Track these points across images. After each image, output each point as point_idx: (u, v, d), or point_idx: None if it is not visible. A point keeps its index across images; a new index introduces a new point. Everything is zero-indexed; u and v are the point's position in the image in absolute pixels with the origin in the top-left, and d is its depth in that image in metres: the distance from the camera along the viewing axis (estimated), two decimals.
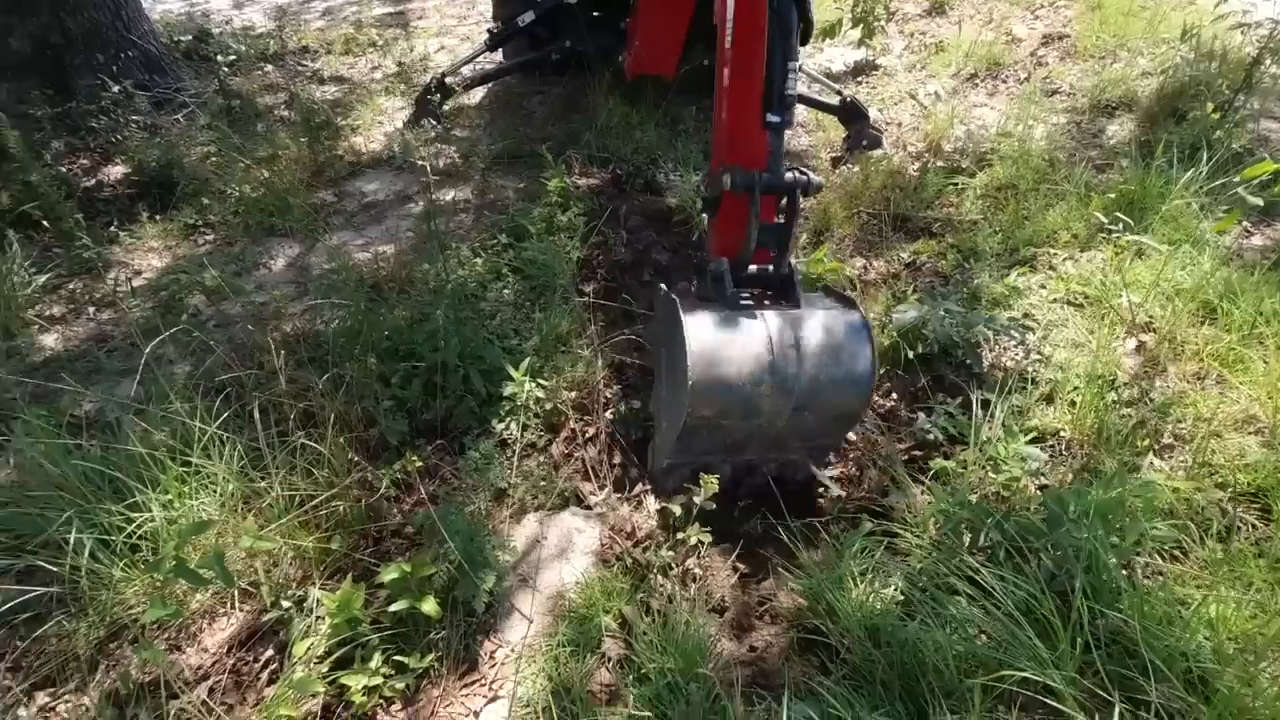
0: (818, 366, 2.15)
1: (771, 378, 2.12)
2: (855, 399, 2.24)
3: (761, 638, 2.02)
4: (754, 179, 2.20)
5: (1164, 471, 2.24)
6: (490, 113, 5.18)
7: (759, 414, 2.18)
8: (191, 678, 1.98)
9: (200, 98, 4.84)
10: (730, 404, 2.14)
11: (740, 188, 2.20)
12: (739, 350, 2.12)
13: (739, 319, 2.19)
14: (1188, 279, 2.88)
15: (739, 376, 2.11)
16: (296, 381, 2.55)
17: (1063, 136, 4.26)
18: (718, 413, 2.15)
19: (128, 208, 3.92)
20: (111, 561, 2.04)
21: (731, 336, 2.14)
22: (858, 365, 2.19)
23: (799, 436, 2.33)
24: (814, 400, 2.19)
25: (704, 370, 2.08)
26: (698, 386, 2.08)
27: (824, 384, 2.17)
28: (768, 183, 2.21)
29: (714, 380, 2.10)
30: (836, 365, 2.18)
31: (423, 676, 1.91)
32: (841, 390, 2.21)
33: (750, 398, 2.14)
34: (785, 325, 2.18)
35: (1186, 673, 1.62)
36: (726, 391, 2.12)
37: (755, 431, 2.26)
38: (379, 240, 3.82)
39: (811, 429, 2.31)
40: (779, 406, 2.17)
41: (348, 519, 2.22)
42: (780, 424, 2.22)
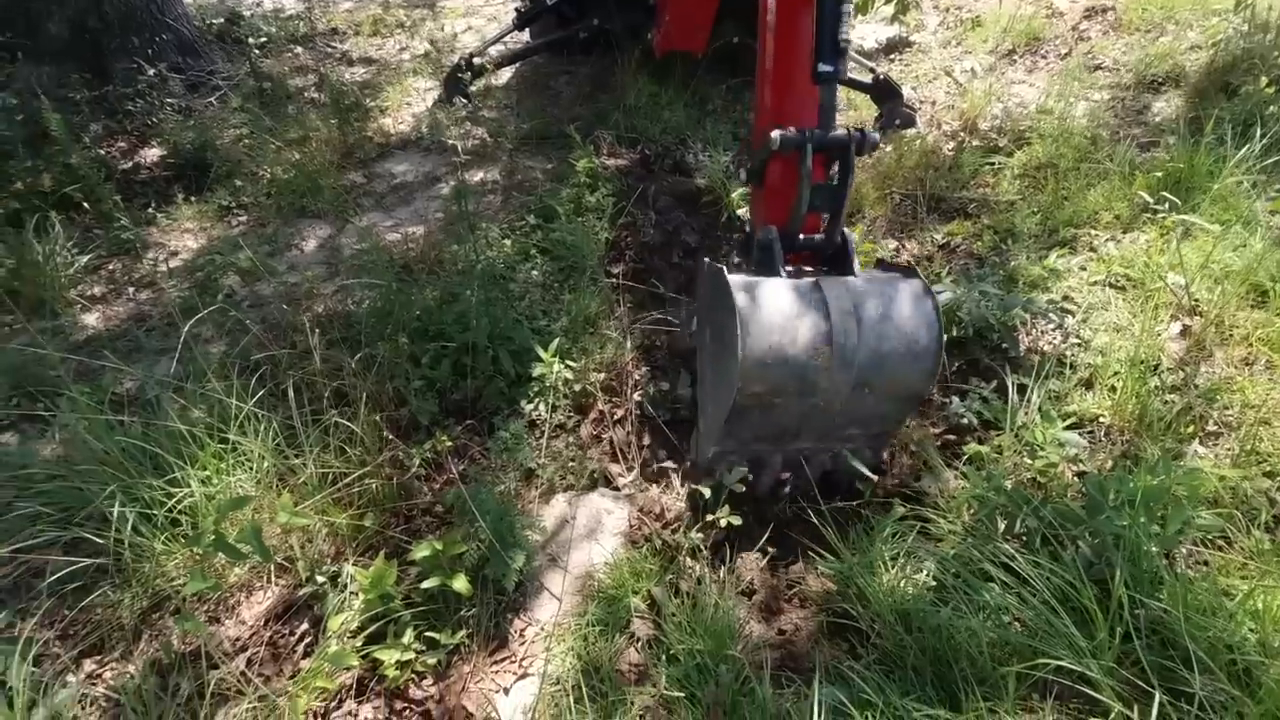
0: (879, 338, 1.95)
1: (830, 347, 1.92)
2: (921, 374, 2.01)
3: (790, 621, 2.01)
4: (805, 136, 2.00)
5: (1209, 459, 2.18)
6: (518, 93, 5.16)
7: (815, 390, 1.98)
8: (230, 649, 2.04)
9: (232, 80, 4.89)
10: (785, 379, 1.94)
11: (790, 145, 2.01)
12: (793, 318, 1.93)
13: (792, 286, 2.00)
14: (1238, 261, 2.77)
15: (794, 346, 1.91)
16: (329, 361, 2.59)
17: (1105, 114, 4.12)
18: (771, 389, 1.96)
19: (164, 189, 3.99)
20: (153, 535, 2.10)
21: (785, 304, 1.95)
22: (923, 336, 1.98)
23: (858, 421, 2.14)
24: (876, 375, 1.98)
25: (756, 340, 1.89)
26: (750, 358, 1.88)
27: (887, 356, 1.96)
28: (820, 139, 2.01)
29: (767, 351, 1.90)
30: (900, 336, 1.97)
31: (454, 653, 1.94)
32: (906, 364, 1.99)
33: (807, 371, 1.94)
34: (843, 292, 1.98)
35: (1230, 665, 1.58)
36: (781, 363, 1.91)
37: (810, 413, 2.06)
38: (408, 221, 3.84)
39: (871, 411, 2.11)
40: (838, 382, 1.97)
41: (380, 496, 2.25)
42: (838, 404, 2.03)
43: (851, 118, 4.65)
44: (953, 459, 2.39)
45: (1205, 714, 1.50)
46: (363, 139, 4.55)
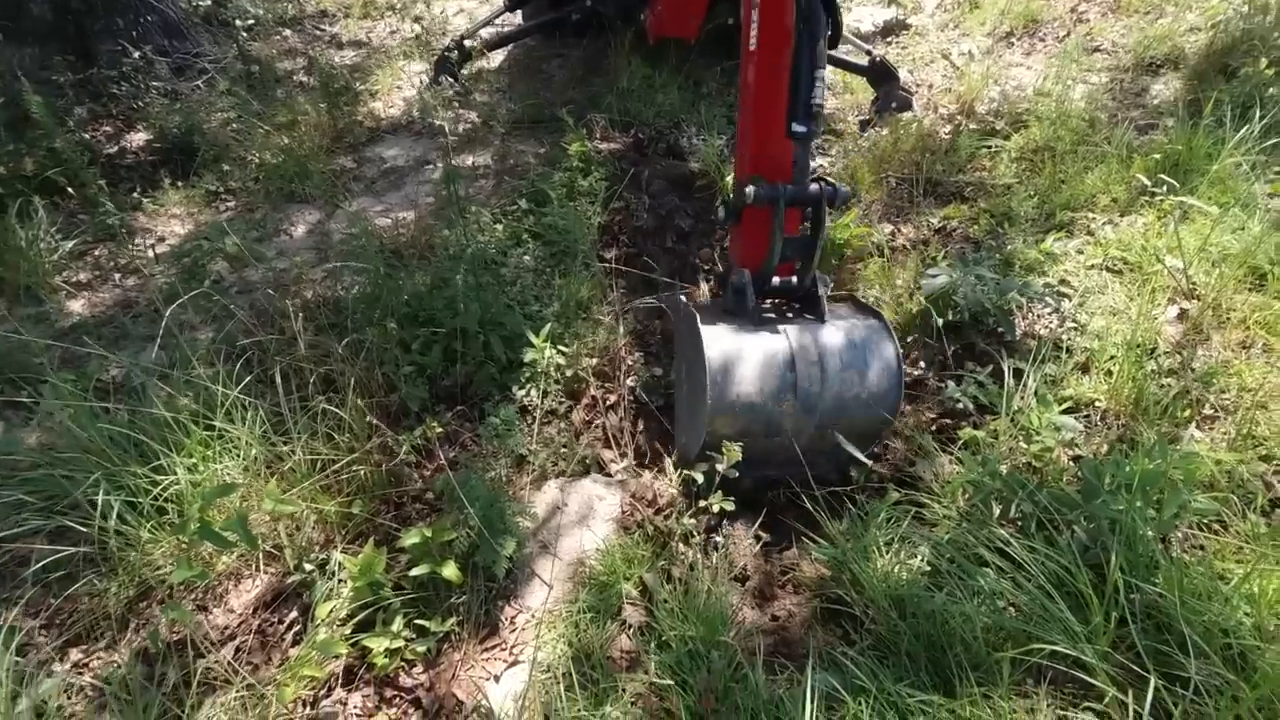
0: (842, 385, 2.12)
1: (794, 396, 2.08)
2: (880, 418, 2.18)
3: (784, 607, 1.99)
4: (778, 191, 2.13)
5: (1206, 443, 2.16)
6: (510, 76, 5.09)
7: (780, 432, 2.14)
8: (219, 638, 2.01)
9: (219, 63, 4.81)
10: (750, 423, 2.11)
11: (764, 200, 2.14)
12: (760, 368, 2.08)
13: (760, 335, 2.14)
14: (1236, 243, 2.75)
15: (760, 395, 2.08)
16: (317, 347, 2.55)
17: (1103, 96, 4.08)
18: (737, 431, 2.09)
19: (150, 174, 3.93)
20: (139, 523, 2.07)
21: (752, 353, 2.10)
22: (884, 384, 2.15)
23: (822, 455, 2.24)
24: (838, 419, 2.14)
25: (724, 391, 2.05)
26: (718, 405, 2.05)
27: (848, 403, 2.13)
28: (792, 195, 2.14)
29: (734, 400, 2.07)
30: (862, 385, 2.14)
31: (444, 640, 1.92)
32: (866, 409, 2.15)
33: (771, 416, 2.10)
34: (809, 341, 2.13)
35: (1226, 649, 1.57)
36: (747, 410, 2.08)
37: (776, 448, 2.19)
38: (399, 206, 3.79)
39: (833, 446, 2.22)
40: (801, 425, 2.12)
41: (369, 483, 2.23)
42: (803, 441, 2.16)
43: (848, 101, 4.60)
44: (948, 444, 2.37)
45: (1200, 698, 1.49)
46: (352, 123, 4.49)
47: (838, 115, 4.51)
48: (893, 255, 3.24)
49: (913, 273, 3.03)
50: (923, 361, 2.79)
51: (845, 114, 4.48)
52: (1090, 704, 1.56)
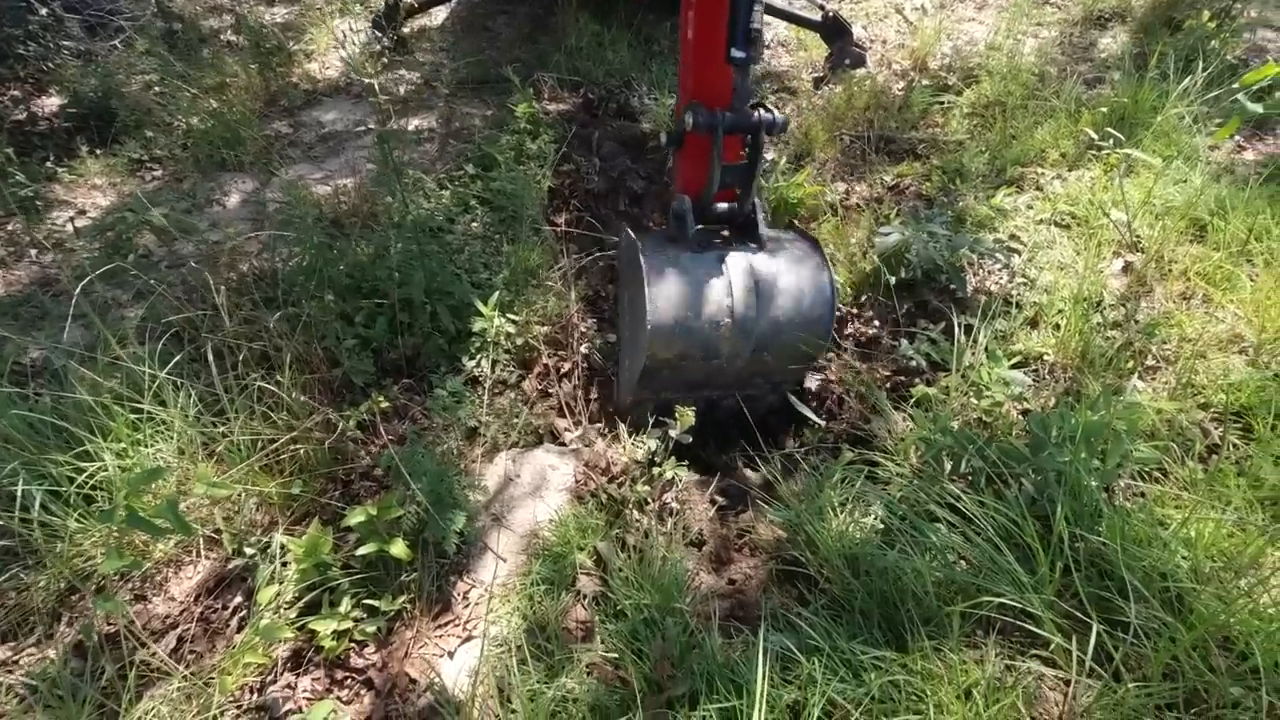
0: (777, 310, 2.18)
1: (730, 320, 2.15)
2: (814, 341, 2.26)
3: (740, 570, 1.99)
4: (716, 118, 2.13)
5: (1148, 393, 2.21)
6: (453, 35, 4.88)
7: (718, 355, 2.20)
8: (160, 627, 1.94)
9: (137, 21, 4.50)
10: (689, 346, 2.17)
11: (703, 128, 2.14)
12: (698, 293, 2.14)
13: (699, 261, 2.19)
14: (1178, 196, 2.79)
15: (697, 319, 2.14)
16: (254, 322, 2.43)
17: (1053, 50, 4.08)
18: (676, 355, 2.18)
19: (65, 142, 3.67)
20: (65, 513, 1.96)
21: (691, 280, 2.15)
22: (817, 309, 2.22)
23: (759, 375, 2.34)
24: (773, 342, 2.22)
25: (663, 314, 2.11)
26: (657, 330, 2.10)
27: (783, 327, 2.20)
28: (730, 122, 2.14)
29: (672, 324, 2.12)
30: (796, 309, 2.20)
31: (395, 619, 1.87)
32: (800, 333, 2.22)
33: (709, 340, 2.16)
34: (746, 267, 2.19)
35: (1165, 592, 1.61)
36: (685, 334, 2.14)
37: (715, 371, 2.27)
38: (339, 173, 3.62)
39: (771, 369, 2.33)
40: (738, 348, 2.20)
41: (312, 462, 2.15)
42: (740, 364, 2.24)
43: (801, 58, 4.53)
44: (901, 402, 2.38)
45: (1139, 641, 1.53)
46: (287, 85, 4.26)
47: (791, 73, 4.44)
48: (846, 214, 3.22)
49: (866, 231, 3.02)
50: (876, 320, 2.79)
51: (799, 71, 4.41)
52: (1037, 651, 1.60)
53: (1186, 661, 1.49)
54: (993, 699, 1.48)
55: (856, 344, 2.74)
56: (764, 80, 4.42)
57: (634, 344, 2.30)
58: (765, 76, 4.46)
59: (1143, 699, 1.46)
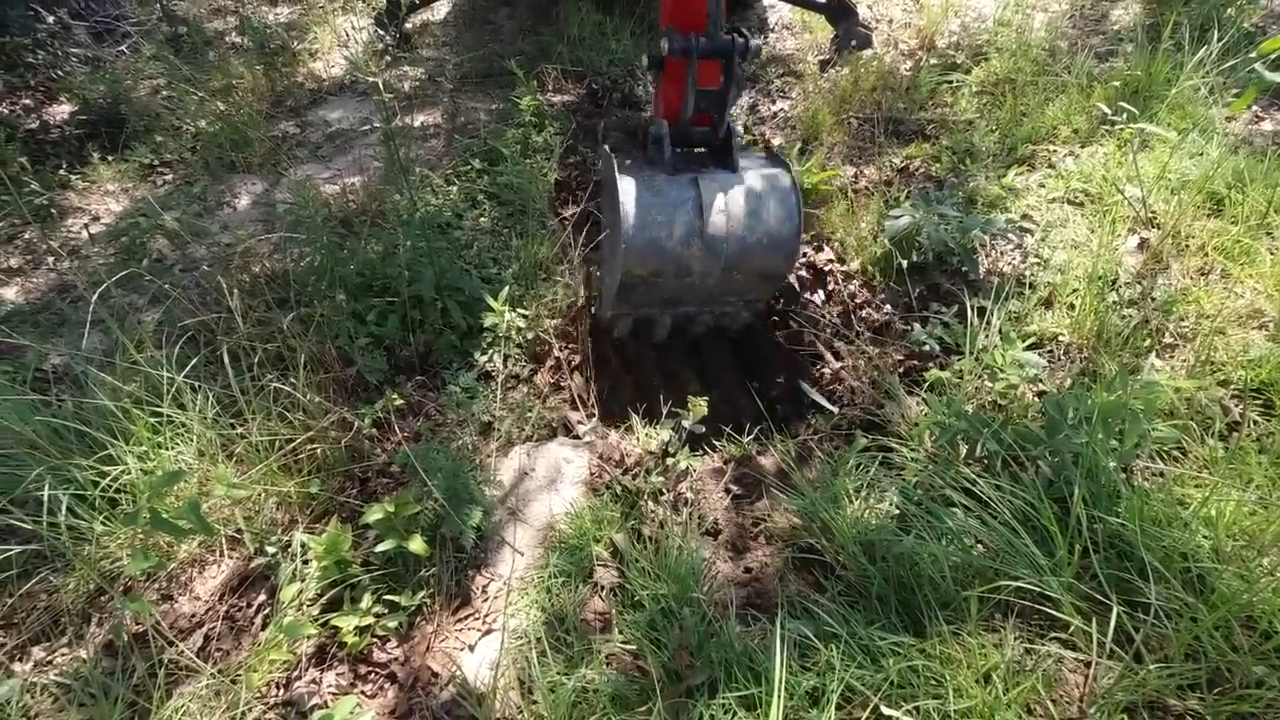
0: (745, 230, 2.33)
1: (700, 241, 2.30)
2: (780, 261, 2.41)
3: (757, 558, 2.00)
4: (691, 43, 2.20)
5: (1166, 371, 2.18)
6: (455, 29, 4.87)
7: (690, 273, 2.38)
8: (186, 626, 1.97)
9: (143, 26, 4.52)
10: (662, 264, 2.34)
11: (678, 53, 2.21)
12: (671, 216, 2.29)
13: (673, 185, 2.33)
14: (1194, 169, 2.74)
15: (670, 240, 2.30)
16: (268, 324, 2.45)
17: (1064, 23, 4.01)
18: (651, 272, 2.35)
19: (77, 149, 3.71)
20: (91, 516, 2.00)
21: (665, 203, 2.30)
22: (784, 232, 2.35)
23: (731, 292, 2.55)
24: (741, 262, 2.38)
25: (638, 234, 2.27)
26: (631, 248, 2.28)
27: (751, 247, 2.35)
28: (704, 48, 2.21)
29: (647, 243, 2.28)
30: (764, 232, 2.34)
31: (416, 613, 1.89)
32: (767, 253, 2.38)
33: (681, 259, 2.33)
34: (717, 190, 2.31)
35: (1185, 573, 1.60)
36: (658, 253, 2.31)
37: (687, 288, 2.46)
38: (347, 171, 3.63)
39: (741, 287, 2.53)
40: (709, 266, 2.36)
41: (328, 461, 2.17)
42: (711, 282, 2.42)
43: (806, 41, 4.48)
44: (914, 386, 2.37)
45: (1160, 622, 1.52)
46: (292, 85, 4.28)
47: (796, 56, 4.39)
48: (856, 197, 3.19)
49: (876, 215, 2.99)
50: (888, 304, 2.77)
51: (805, 54, 4.36)
52: (1056, 634, 1.59)
53: (1209, 641, 1.48)
54: (1012, 682, 1.49)
55: (869, 329, 2.73)
56: (769, 64, 4.38)
57: (613, 260, 2.48)
58: (770, 60, 4.41)
59: (1165, 679, 1.46)
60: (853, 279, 2.97)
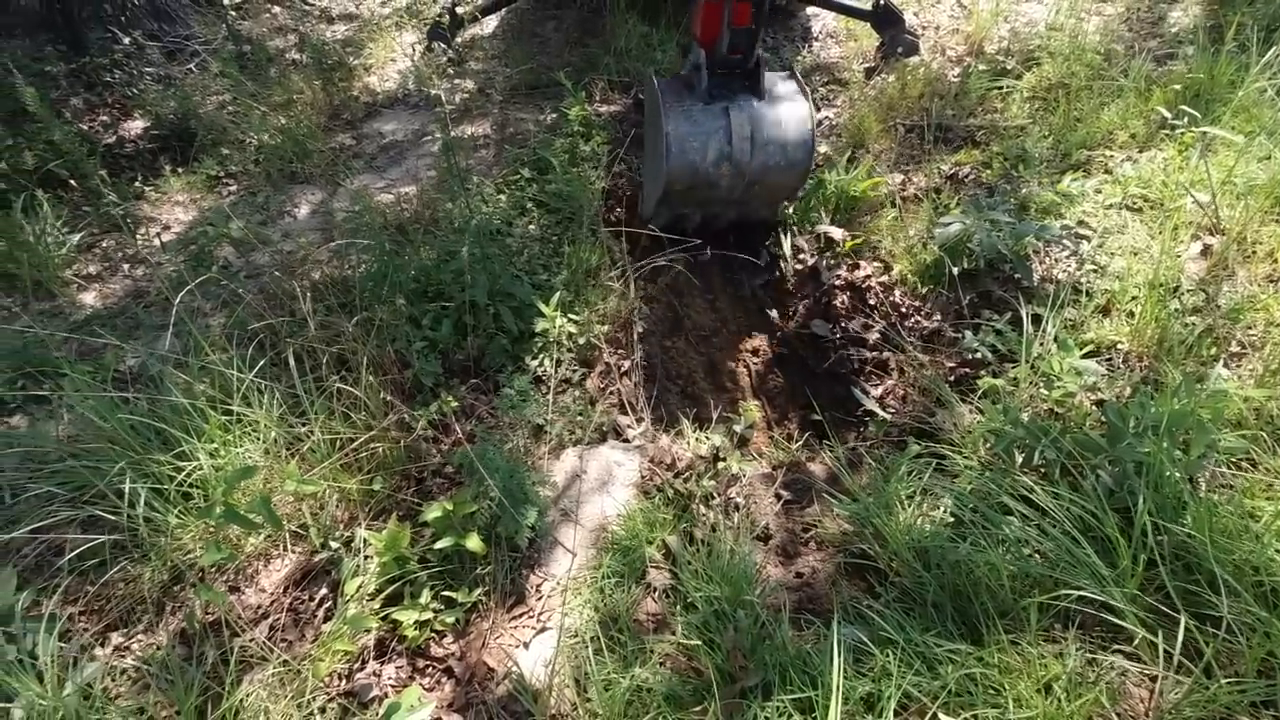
0: (766, 155, 2.82)
1: (729, 163, 2.80)
2: (794, 179, 2.96)
3: (808, 563, 2.00)
4: None
5: (1233, 380, 2.12)
6: (504, 42, 4.98)
7: (719, 187, 2.90)
8: (252, 617, 2.05)
9: (210, 45, 4.74)
10: (696, 181, 2.84)
11: None
12: (704, 143, 2.77)
13: (708, 114, 2.78)
14: (1262, 174, 2.66)
15: (703, 162, 2.79)
16: (328, 327, 2.55)
17: (1119, 27, 3.93)
18: (687, 186, 2.87)
19: (150, 162, 3.90)
20: (166, 509, 2.10)
21: (699, 131, 2.77)
22: (800, 154, 2.84)
23: (753, 200, 3.09)
24: (762, 179, 2.89)
25: (676, 159, 2.76)
26: (672, 167, 2.78)
27: (770, 169, 2.85)
28: None
29: (683, 165, 2.78)
30: (783, 154, 2.83)
31: (472, 610, 1.94)
32: (784, 173, 2.89)
33: (712, 176, 2.83)
34: (745, 120, 2.78)
35: (1257, 586, 1.55)
36: (693, 172, 2.81)
37: (717, 198, 3.00)
38: (401, 181, 3.75)
39: (762, 197, 3.08)
40: (735, 183, 2.89)
41: (388, 460, 2.24)
42: (736, 193, 2.96)
43: (852, 49, 4.47)
44: (967, 394, 2.34)
45: (1232, 636, 1.48)
46: (349, 99, 4.43)
47: (842, 64, 4.38)
48: (904, 205, 3.17)
49: (925, 222, 2.97)
50: (938, 313, 2.74)
51: (850, 62, 4.35)
52: (1120, 646, 1.56)
53: None
54: (1074, 694, 1.46)
55: (918, 337, 2.71)
56: (814, 72, 4.38)
57: (654, 173, 2.98)
58: (815, 69, 4.42)
59: (1235, 696, 1.42)
60: (893, 290, 2.95)
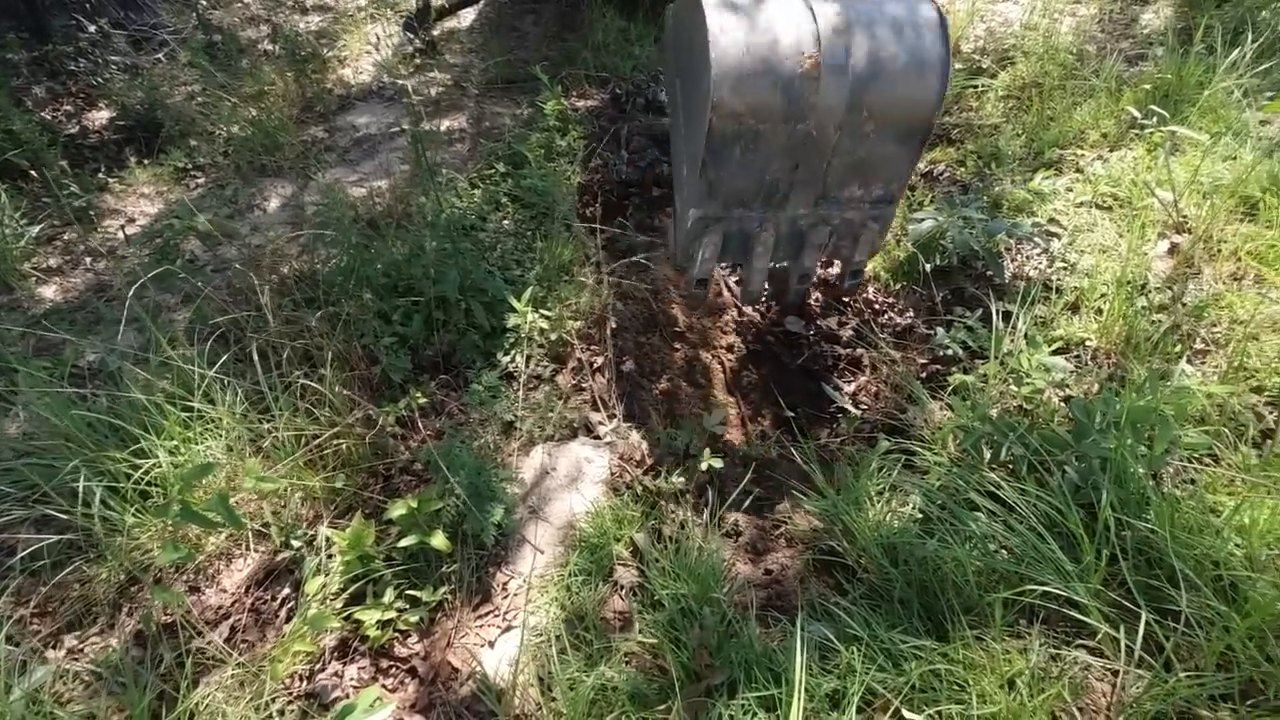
0: (875, 41, 1.64)
1: (819, 50, 1.60)
2: (927, 89, 1.71)
3: (777, 560, 1.99)
4: None
5: (1197, 377, 2.14)
6: (481, 35, 4.93)
7: (805, 111, 1.65)
8: (213, 617, 2.01)
9: (179, 34, 4.64)
10: (766, 91, 1.62)
11: None
12: (773, 17, 1.62)
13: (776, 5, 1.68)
14: (1227, 173, 2.69)
15: (775, 50, 1.59)
16: (295, 322, 2.50)
17: (1092, 28, 3.97)
18: (751, 106, 1.63)
19: (115, 153, 3.81)
20: (123, 508, 2.04)
21: (766, 17, 1.65)
22: (926, 41, 1.66)
23: (857, 169, 1.83)
24: (874, 89, 1.67)
25: (731, 42, 1.56)
26: (723, 62, 1.55)
27: (884, 64, 1.66)
28: None
29: (744, 54, 1.57)
30: (899, 40, 1.65)
31: (437, 609, 1.91)
32: (909, 77, 1.69)
33: (793, 81, 1.61)
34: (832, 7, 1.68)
35: (1217, 581, 1.56)
36: (761, 70, 1.59)
37: (801, 150, 1.74)
38: (374, 175, 3.69)
39: (872, 152, 1.80)
40: (830, 98, 1.65)
41: (354, 457, 2.20)
42: (833, 130, 1.71)
43: None
44: (938, 390, 2.35)
45: (1192, 630, 1.49)
46: (321, 91, 4.36)
47: None
48: None
49: (899, 219, 2.97)
50: (911, 309, 2.75)
51: None
52: (1083, 641, 1.57)
53: (1242, 651, 1.45)
54: (1037, 688, 1.46)
55: (892, 334, 2.71)
56: None
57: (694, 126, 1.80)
58: None
59: (1195, 689, 1.43)
60: (866, 286, 2.95)
